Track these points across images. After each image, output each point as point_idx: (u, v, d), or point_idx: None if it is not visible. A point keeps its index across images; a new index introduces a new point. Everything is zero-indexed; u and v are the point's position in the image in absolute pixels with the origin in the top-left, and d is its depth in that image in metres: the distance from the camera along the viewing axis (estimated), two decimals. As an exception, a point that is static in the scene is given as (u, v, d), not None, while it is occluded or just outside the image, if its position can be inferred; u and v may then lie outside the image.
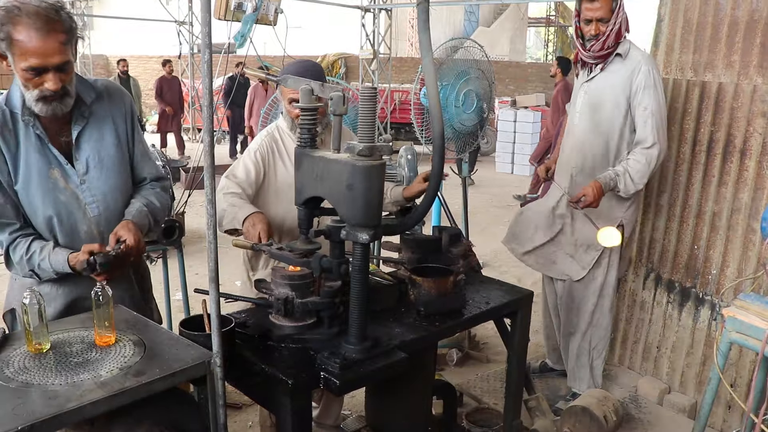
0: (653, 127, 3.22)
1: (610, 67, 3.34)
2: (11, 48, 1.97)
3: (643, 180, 3.27)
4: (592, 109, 3.41)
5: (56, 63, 1.99)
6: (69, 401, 1.60)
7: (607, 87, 3.34)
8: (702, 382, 3.67)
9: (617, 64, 3.32)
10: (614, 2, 3.21)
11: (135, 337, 1.98)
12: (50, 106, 2.07)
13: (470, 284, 2.79)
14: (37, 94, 2.03)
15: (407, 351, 2.09)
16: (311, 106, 2.05)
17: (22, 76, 2.01)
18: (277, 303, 2.13)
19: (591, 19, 3.24)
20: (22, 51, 1.95)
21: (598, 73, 3.38)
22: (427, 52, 1.92)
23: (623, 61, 3.30)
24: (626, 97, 3.29)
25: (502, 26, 29.37)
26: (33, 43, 1.94)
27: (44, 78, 2.01)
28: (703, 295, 3.67)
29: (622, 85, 3.28)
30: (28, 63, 1.96)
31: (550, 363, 4.10)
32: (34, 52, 1.95)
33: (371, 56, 14.78)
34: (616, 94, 3.31)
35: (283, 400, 1.93)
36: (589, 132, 3.45)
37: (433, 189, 2.05)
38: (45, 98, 2.04)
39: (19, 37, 1.94)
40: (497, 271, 6.28)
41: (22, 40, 1.94)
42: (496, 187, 10.91)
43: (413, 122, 4.20)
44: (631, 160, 3.25)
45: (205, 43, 1.63)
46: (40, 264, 2.18)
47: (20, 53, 1.96)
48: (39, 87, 2.02)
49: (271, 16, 4.63)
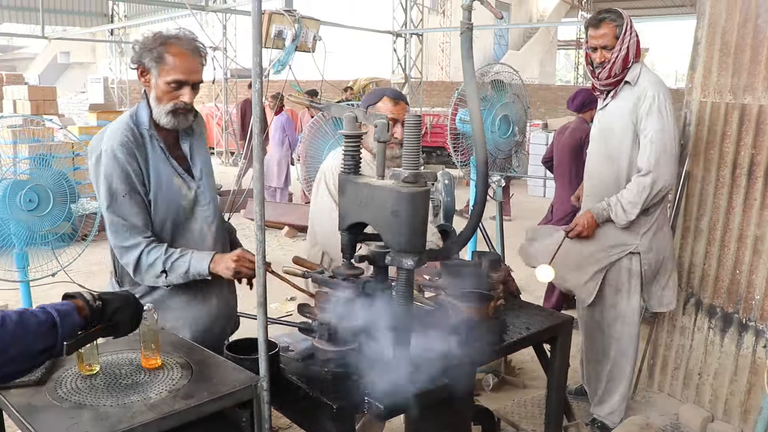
0: (650, 154, 3.20)
1: (621, 94, 3.35)
2: (159, 64, 2.31)
3: (635, 209, 3.24)
4: (603, 136, 3.43)
5: (195, 80, 2.36)
6: (120, 422, 1.63)
7: (616, 114, 3.35)
8: (747, 411, 3.60)
9: (627, 91, 3.32)
10: (618, 29, 3.22)
11: (182, 359, 2.01)
12: (177, 119, 2.38)
13: (510, 309, 2.79)
14: (171, 106, 2.35)
15: (448, 376, 2.10)
16: (355, 133, 2.08)
17: (163, 89, 2.33)
18: (321, 328, 2.14)
19: (596, 47, 3.27)
20: (171, 66, 2.30)
21: (609, 101, 3.40)
22: (470, 80, 1.94)
23: (632, 88, 3.30)
24: (633, 124, 3.28)
25: (531, 49, 29.43)
26: (182, 60, 2.31)
27: (181, 92, 2.34)
28: (747, 321, 3.61)
29: (630, 111, 3.28)
30: (173, 77, 2.31)
31: (586, 387, 4.04)
32: (181, 69, 2.31)
33: (403, 80, 14.88)
34: (624, 121, 3.30)
35: (327, 424, 1.94)
36: (600, 159, 3.46)
37: (477, 215, 2.06)
38: (176, 111, 2.36)
39: (171, 55, 2.30)
40: (533, 296, 6.22)
41: (172, 58, 2.30)
42: (529, 210, 10.86)
43: (450, 146, 4.23)
44: (625, 190, 3.26)
45: (256, 72, 1.67)
46: (174, 264, 2.34)
47: (168, 69, 2.30)
48: (174, 100, 2.35)
49: (310, 43, 4.70)
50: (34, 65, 32.50)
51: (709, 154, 3.79)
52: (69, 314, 1.71)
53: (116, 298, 1.88)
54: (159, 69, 2.32)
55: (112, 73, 20.66)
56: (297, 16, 4.67)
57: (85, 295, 1.80)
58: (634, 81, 3.29)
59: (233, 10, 14.18)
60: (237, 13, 14.68)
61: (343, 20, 13.65)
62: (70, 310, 1.73)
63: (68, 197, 3.50)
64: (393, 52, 15.19)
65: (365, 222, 2.04)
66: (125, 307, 1.88)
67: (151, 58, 2.31)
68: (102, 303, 1.81)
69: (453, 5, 24.13)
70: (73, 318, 1.72)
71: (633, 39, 3.25)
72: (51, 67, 32.20)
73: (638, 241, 3.41)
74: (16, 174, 3.44)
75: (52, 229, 3.48)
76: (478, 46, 25.39)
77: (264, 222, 1.79)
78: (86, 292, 1.83)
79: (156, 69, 2.32)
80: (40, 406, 1.72)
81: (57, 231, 3.52)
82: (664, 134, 3.20)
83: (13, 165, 3.52)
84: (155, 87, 2.34)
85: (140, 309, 1.93)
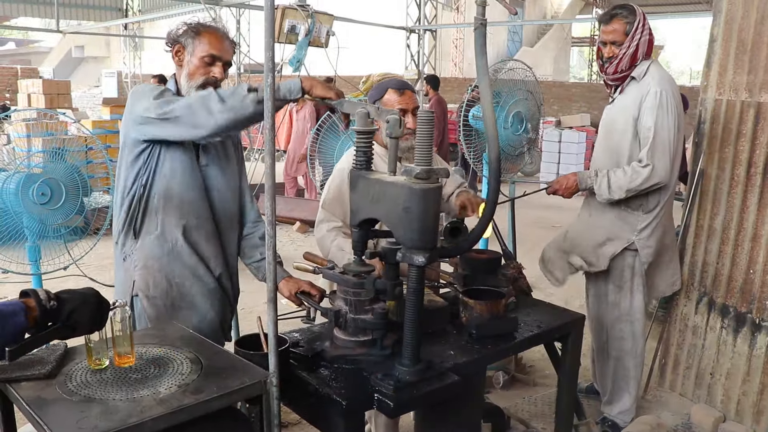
0: (651, 147, 3.18)
1: (626, 89, 3.35)
2: (196, 39, 2.47)
3: (620, 192, 3.22)
4: (606, 131, 3.45)
5: (227, 59, 2.52)
6: (130, 416, 1.63)
7: (619, 109, 3.36)
8: (760, 412, 3.57)
9: (632, 86, 3.32)
10: (629, 26, 3.22)
11: (192, 354, 2.01)
12: None
13: (521, 307, 2.77)
14: (202, 80, 2.46)
15: (459, 373, 2.09)
16: (367, 129, 2.07)
17: (197, 64, 2.46)
18: (333, 314, 2.15)
19: (606, 42, 3.29)
20: (206, 43, 2.47)
21: (617, 96, 3.41)
22: (483, 76, 1.93)
23: (637, 84, 3.29)
24: (634, 119, 3.27)
25: (545, 46, 29.27)
26: (216, 39, 2.49)
27: (213, 68, 2.48)
28: (760, 321, 3.57)
29: (632, 107, 3.27)
30: (208, 51, 2.46)
31: (597, 386, 4.01)
32: (216, 46, 2.48)
33: (416, 76, 14.85)
34: (626, 116, 3.30)
35: (337, 420, 1.94)
36: (602, 153, 3.49)
37: (489, 212, 2.04)
38: (206, 85, 2.45)
39: (206, 34, 2.48)
40: (544, 293, 6.19)
41: (209, 36, 2.48)
42: (541, 208, 10.80)
43: (461, 142, 4.20)
44: (620, 170, 3.25)
45: (268, 67, 1.67)
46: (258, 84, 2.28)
47: (203, 45, 2.46)
48: (206, 75, 2.46)
49: (323, 38, 4.69)
50: (48, 59, 32.69)
51: (723, 152, 3.75)
52: (13, 315, 1.67)
53: (74, 297, 1.82)
54: (194, 46, 2.47)
55: (126, 67, 20.74)
56: (310, 11, 4.66)
57: (39, 294, 1.75)
58: (639, 77, 3.28)
59: (247, 5, 14.20)
60: (250, 8, 14.69)
61: (356, 16, 13.62)
62: (16, 310, 1.68)
63: (81, 191, 3.51)
64: (406, 48, 15.15)
65: (377, 218, 2.04)
66: (83, 306, 1.81)
67: (188, 37, 2.48)
68: (58, 303, 1.76)
69: (467, 1, 24.03)
70: (16, 319, 1.67)
71: (644, 37, 3.23)
72: (65, 61, 32.37)
73: (635, 237, 3.38)
74: (30, 167, 3.45)
75: (65, 222, 3.49)
76: (492, 42, 25.34)
77: (275, 217, 1.79)
78: (42, 291, 1.77)
79: (192, 46, 2.47)
80: (50, 399, 1.72)
81: (69, 224, 3.52)
82: (663, 130, 3.18)
83: (27, 158, 3.53)
84: (188, 64, 2.48)
85: (104, 306, 1.87)
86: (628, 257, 3.42)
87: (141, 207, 2.47)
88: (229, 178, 2.63)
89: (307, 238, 8.52)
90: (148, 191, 2.46)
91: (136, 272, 2.51)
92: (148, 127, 2.36)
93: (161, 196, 2.46)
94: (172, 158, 2.44)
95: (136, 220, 2.48)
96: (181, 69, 2.50)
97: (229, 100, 2.20)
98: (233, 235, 2.69)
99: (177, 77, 2.53)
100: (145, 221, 2.49)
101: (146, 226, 2.50)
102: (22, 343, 1.71)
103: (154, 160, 2.44)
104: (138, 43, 21.37)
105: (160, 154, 2.44)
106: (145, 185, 2.45)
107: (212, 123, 2.22)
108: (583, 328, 2.81)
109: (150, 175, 2.45)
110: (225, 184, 2.61)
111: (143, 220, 2.49)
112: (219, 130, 2.26)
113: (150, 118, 2.32)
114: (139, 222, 2.49)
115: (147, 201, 2.47)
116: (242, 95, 2.18)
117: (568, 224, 3.88)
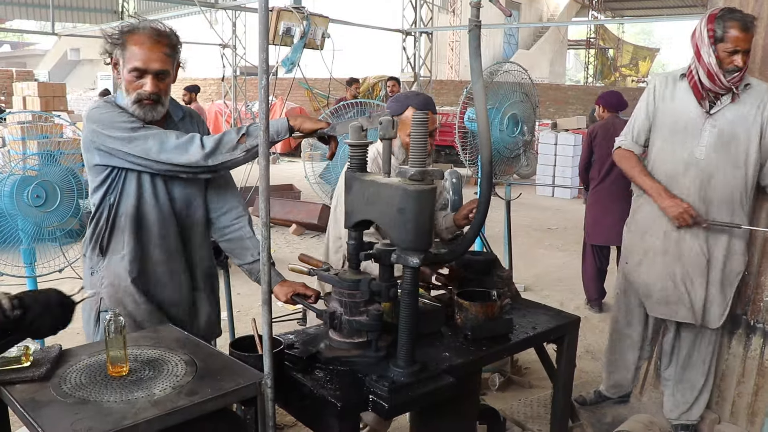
0: None
1: (742, 97, 3.20)
2: (124, 53, 2.30)
3: None
4: (724, 142, 3.23)
5: (156, 69, 2.30)
6: (124, 418, 1.63)
7: (739, 118, 3.20)
8: (754, 413, 3.57)
9: (744, 94, 3.20)
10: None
11: (186, 356, 2.01)
12: (144, 110, 2.33)
13: (516, 309, 2.78)
14: (135, 96, 2.31)
15: (455, 375, 2.09)
16: (361, 143, 2.08)
17: (127, 78, 2.30)
18: (328, 316, 2.16)
19: (740, 50, 3.06)
20: (131, 54, 2.28)
21: (726, 104, 3.21)
22: (478, 78, 1.93)
23: (749, 91, 3.20)
24: (758, 127, 3.18)
25: (541, 49, 29.37)
26: (141, 48, 2.28)
27: (143, 81, 2.30)
28: (755, 323, 3.58)
29: (753, 115, 3.18)
30: (133, 65, 2.28)
31: (607, 392, 3.94)
32: (140, 57, 2.28)
33: (412, 79, 14.87)
34: (748, 125, 3.19)
35: (332, 422, 1.94)
36: (723, 165, 3.25)
37: (482, 215, 2.05)
38: (141, 101, 2.31)
39: (132, 43, 2.29)
40: (539, 295, 6.22)
41: (133, 46, 2.29)
42: (537, 210, 10.84)
43: (457, 145, 4.22)
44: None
45: (262, 69, 1.67)
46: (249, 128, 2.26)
47: (129, 57, 2.29)
48: (138, 90, 2.30)
49: (318, 40, 4.70)
50: (44, 62, 32.67)
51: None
52: None
53: (37, 304, 1.83)
54: (124, 58, 2.31)
55: (122, 70, 20.69)
56: (306, 13, 4.67)
57: (2, 303, 1.75)
58: (754, 84, 3.22)
59: (242, 7, 14.20)
60: (246, 10, 14.70)
61: (352, 18, 13.65)
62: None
63: (76, 193, 3.51)
64: (402, 51, 15.17)
65: (371, 220, 2.04)
66: (45, 313, 1.82)
67: (117, 48, 2.32)
68: (21, 311, 1.77)
69: (463, 4, 24.08)
70: None
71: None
72: (61, 64, 32.35)
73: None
74: (25, 170, 3.45)
75: (60, 225, 3.49)
76: (488, 44, 25.39)
77: (269, 219, 1.79)
78: (5, 299, 1.76)
79: (123, 58, 2.32)
80: (44, 401, 1.72)
81: (64, 227, 3.52)
82: None
83: (22, 161, 3.53)
84: (123, 77, 2.33)
85: (67, 310, 1.88)
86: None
87: (108, 226, 2.40)
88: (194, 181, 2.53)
89: (302, 241, 8.52)
90: (116, 211, 2.40)
91: (104, 290, 2.43)
92: (119, 161, 2.32)
93: (128, 215, 2.39)
94: (137, 176, 2.38)
95: (102, 238, 2.42)
96: (120, 82, 2.36)
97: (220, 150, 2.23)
98: (203, 235, 2.62)
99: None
100: (111, 241, 2.42)
101: (113, 246, 2.42)
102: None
103: (121, 180, 2.38)
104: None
105: (126, 174, 2.37)
106: (113, 204, 2.39)
107: (201, 167, 2.26)
108: (578, 330, 2.81)
109: (117, 195, 2.38)
110: (190, 188, 2.52)
111: (110, 239, 2.42)
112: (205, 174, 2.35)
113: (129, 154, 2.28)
114: (106, 241, 2.42)
115: (114, 220, 2.40)
116: (232, 145, 2.22)
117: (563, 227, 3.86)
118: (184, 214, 2.50)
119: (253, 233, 2.62)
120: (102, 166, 2.36)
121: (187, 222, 2.52)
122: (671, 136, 3.32)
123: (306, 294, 2.44)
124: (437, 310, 2.49)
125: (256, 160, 1.89)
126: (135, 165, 2.31)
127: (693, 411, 3.59)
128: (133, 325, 2.40)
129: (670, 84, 3.34)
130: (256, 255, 2.58)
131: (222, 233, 2.65)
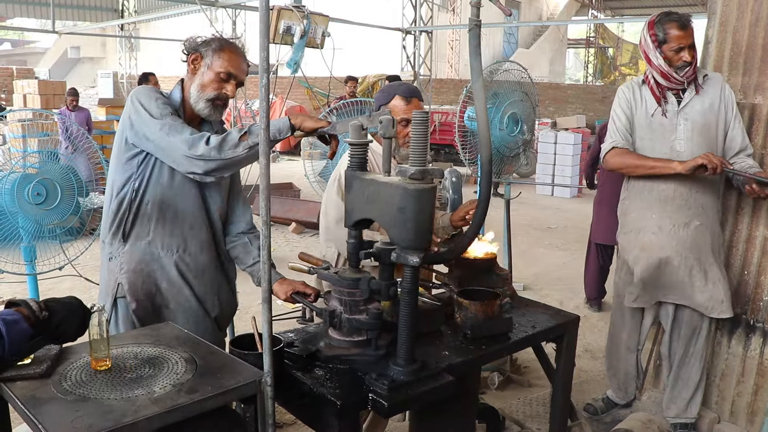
0: (745, 133, 3.38)
1: (705, 88, 3.38)
2: (216, 54, 2.46)
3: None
4: (699, 131, 3.38)
5: (241, 79, 2.53)
6: (125, 416, 1.63)
7: (707, 107, 3.37)
8: (754, 413, 3.58)
9: (705, 85, 3.38)
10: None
11: (186, 354, 2.01)
12: (213, 109, 2.50)
13: (515, 308, 2.78)
14: (213, 95, 2.47)
15: (454, 374, 2.09)
16: (361, 142, 2.08)
17: (212, 77, 2.46)
18: (328, 314, 2.16)
19: (684, 47, 3.25)
20: (226, 59, 2.46)
21: (692, 97, 3.38)
22: (477, 77, 1.93)
23: (709, 82, 3.38)
24: (724, 113, 3.37)
25: (541, 48, 29.36)
26: (237, 57, 2.49)
27: (227, 85, 2.48)
28: (754, 323, 3.58)
29: (718, 101, 3.36)
30: (226, 69, 2.46)
31: (615, 398, 3.94)
32: (235, 64, 2.48)
33: (412, 78, 14.87)
34: (716, 111, 3.37)
35: (332, 421, 1.94)
36: (703, 152, 3.30)
37: (481, 214, 2.05)
38: (215, 100, 2.48)
39: (228, 51, 2.48)
40: (538, 294, 6.23)
41: (230, 53, 2.48)
42: (537, 209, 10.84)
43: (457, 143, 4.22)
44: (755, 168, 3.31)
45: (262, 68, 1.67)
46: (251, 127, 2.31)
47: (223, 61, 2.46)
48: (218, 90, 2.47)
49: (319, 39, 4.70)
50: (44, 60, 32.65)
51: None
52: (16, 323, 1.71)
53: (62, 307, 1.88)
54: (213, 59, 2.45)
55: (122, 68, 20.74)
56: (306, 12, 4.67)
57: (31, 305, 1.80)
58: (710, 75, 3.42)
59: (243, 6, 14.19)
60: (246, 9, 14.70)
61: (352, 17, 13.64)
62: (17, 318, 1.73)
63: (76, 191, 3.51)
64: (402, 50, 15.18)
65: (371, 218, 2.04)
66: (71, 316, 1.87)
67: (209, 48, 2.46)
68: (49, 313, 1.82)
69: (463, 3, 24.08)
70: (20, 326, 1.72)
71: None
72: (61, 62, 32.34)
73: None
74: (25, 168, 3.45)
75: (60, 222, 3.49)
76: (488, 43, 25.37)
77: (270, 217, 1.79)
78: (32, 302, 1.82)
79: (211, 58, 2.46)
80: (44, 398, 1.73)
81: (64, 225, 3.53)
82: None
83: (22, 158, 3.53)
84: (203, 75, 2.46)
85: (87, 315, 1.92)
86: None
87: (132, 212, 2.45)
88: (222, 183, 2.62)
89: (302, 239, 8.52)
90: (141, 197, 2.44)
91: (123, 275, 2.48)
92: (146, 143, 2.38)
93: (155, 204, 2.45)
94: (169, 167, 2.43)
95: (126, 223, 2.46)
96: (194, 77, 2.48)
97: (224, 147, 2.26)
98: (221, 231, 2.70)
99: (186, 84, 2.51)
100: (135, 226, 2.47)
101: (136, 231, 2.48)
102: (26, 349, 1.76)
103: (149, 167, 2.43)
104: (134, 44, 21.34)
105: (156, 161, 2.43)
106: (137, 190, 2.43)
107: (204, 159, 2.27)
108: (577, 329, 2.82)
109: (143, 181, 2.43)
110: (218, 189, 2.60)
111: (133, 224, 2.47)
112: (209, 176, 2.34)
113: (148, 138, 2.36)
114: (129, 226, 2.47)
115: (139, 207, 2.45)
116: (234, 142, 2.25)
117: (561, 226, 3.87)
118: (212, 209, 2.60)
119: (258, 248, 2.66)
120: (132, 147, 2.42)
121: (214, 217, 2.62)
122: (650, 135, 3.46)
123: (306, 292, 2.46)
124: (437, 309, 2.49)
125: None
126: (147, 142, 2.37)
127: (691, 408, 3.60)
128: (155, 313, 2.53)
129: (635, 90, 3.50)
130: (257, 257, 2.61)
131: (230, 240, 2.73)
